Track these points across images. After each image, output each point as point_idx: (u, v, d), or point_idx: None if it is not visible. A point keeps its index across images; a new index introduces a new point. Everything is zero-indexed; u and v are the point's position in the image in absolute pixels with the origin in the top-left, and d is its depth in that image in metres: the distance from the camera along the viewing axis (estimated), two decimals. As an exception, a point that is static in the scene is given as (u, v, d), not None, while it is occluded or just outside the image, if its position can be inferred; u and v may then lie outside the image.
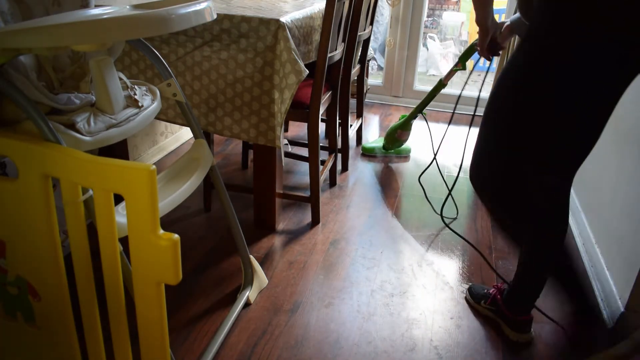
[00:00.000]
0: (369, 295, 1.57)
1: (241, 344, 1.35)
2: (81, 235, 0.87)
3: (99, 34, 0.79)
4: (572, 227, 2.00)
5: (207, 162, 1.27)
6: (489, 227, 1.99)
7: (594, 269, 1.70)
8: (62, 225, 0.96)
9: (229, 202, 1.42)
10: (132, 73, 1.73)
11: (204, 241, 1.80)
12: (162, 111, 1.74)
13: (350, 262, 1.73)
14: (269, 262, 1.70)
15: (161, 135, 2.44)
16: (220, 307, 1.48)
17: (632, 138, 1.57)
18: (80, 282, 0.91)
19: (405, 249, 1.82)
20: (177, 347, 1.33)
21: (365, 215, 2.03)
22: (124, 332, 0.92)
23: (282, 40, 1.51)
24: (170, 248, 0.76)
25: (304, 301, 1.53)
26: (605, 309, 1.53)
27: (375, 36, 4.04)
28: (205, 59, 1.60)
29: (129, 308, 0.88)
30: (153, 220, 0.76)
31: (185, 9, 0.91)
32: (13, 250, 0.94)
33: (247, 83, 1.58)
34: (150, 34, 0.85)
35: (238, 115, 1.63)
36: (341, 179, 2.35)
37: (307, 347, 1.36)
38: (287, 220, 1.96)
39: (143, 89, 1.23)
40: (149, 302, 0.82)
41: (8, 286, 0.99)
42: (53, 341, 1.01)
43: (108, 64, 1.04)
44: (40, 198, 0.86)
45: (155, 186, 0.75)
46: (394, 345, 1.38)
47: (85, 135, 0.98)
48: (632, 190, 1.51)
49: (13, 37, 0.80)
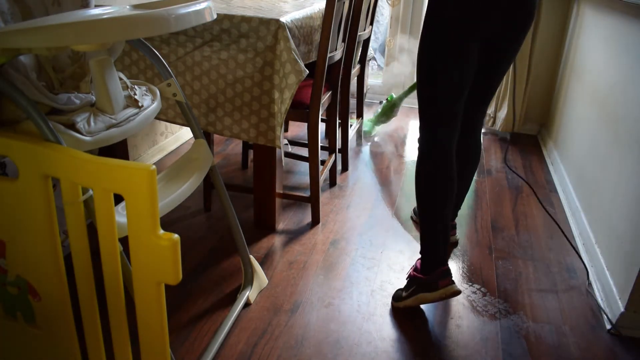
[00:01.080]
0: (369, 295, 1.57)
1: (241, 344, 1.35)
2: (81, 235, 0.87)
3: (99, 34, 0.79)
4: (572, 227, 2.00)
5: (207, 162, 1.27)
6: (489, 227, 1.99)
7: (594, 269, 1.70)
8: (62, 225, 0.96)
9: (229, 202, 1.42)
10: (132, 73, 1.73)
11: (204, 241, 1.80)
12: (162, 111, 1.74)
13: (350, 262, 1.73)
14: (269, 262, 1.70)
15: (161, 135, 2.44)
16: (220, 307, 1.48)
17: (632, 138, 1.57)
18: (80, 282, 0.91)
19: (405, 249, 1.82)
20: (177, 347, 1.33)
21: (365, 215, 2.03)
22: (124, 332, 0.92)
23: (282, 40, 1.51)
24: (170, 248, 0.76)
25: (304, 301, 1.53)
26: (605, 309, 1.53)
27: (376, 36, 4.04)
28: (205, 59, 1.60)
29: (129, 308, 0.88)
30: (153, 220, 0.76)
31: (185, 9, 0.92)
32: (13, 250, 0.94)
33: (247, 83, 1.58)
34: (150, 34, 0.85)
35: (238, 115, 1.63)
36: (341, 179, 2.35)
37: (307, 347, 1.36)
38: (287, 220, 1.96)
39: (143, 89, 1.23)
40: (149, 302, 0.82)
41: (8, 286, 0.99)
42: (53, 341, 1.01)
43: (108, 64, 1.04)
44: (40, 198, 0.86)
45: (155, 186, 0.75)
46: (394, 345, 1.38)
47: (85, 135, 0.98)
48: (632, 190, 1.51)
49: (13, 37, 0.80)
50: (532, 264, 1.76)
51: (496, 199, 2.22)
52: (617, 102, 1.76)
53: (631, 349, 1.40)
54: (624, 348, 1.41)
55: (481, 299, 1.57)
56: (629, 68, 1.71)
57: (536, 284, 1.66)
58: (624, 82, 1.73)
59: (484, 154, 2.70)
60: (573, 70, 2.51)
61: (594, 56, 2.18)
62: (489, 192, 2.28)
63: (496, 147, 2.84)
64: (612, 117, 1.79)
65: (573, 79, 2.48)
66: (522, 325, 1.47)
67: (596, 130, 1.95)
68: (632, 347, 1.41)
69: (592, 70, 2.16)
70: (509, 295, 1.60)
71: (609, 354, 1.38)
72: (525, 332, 1.44)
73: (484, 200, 2.21)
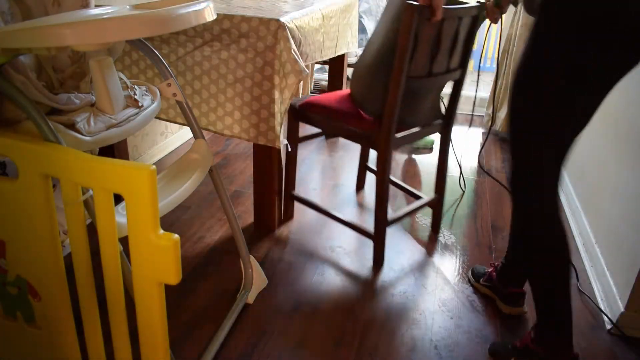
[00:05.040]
0: (369, 295, 1.57)
1: (241, 344, 1.35)
2: (81, 235, 0.87)
3: (99, 34, 0.79)
4: (572, 227, 2.00)
5: (207, 162, 1.27)
6: (489, 227, 1.99)
7: (594, 269, 1.70)
8: (62, 225, 0.96)
9: (229, 202, 1.42)
10: (132, 73, 1.73)
11: (204, 241, 1.80)
12: (162, 111, 1.75)
13: (350, 262, 1.73)
14: (269, 263, 1.70)
15: (161, 135, 2.44)
16: (220, 307, 1.48)
17: (632, 138, 1.57)
18: (80, 282, 0.91)
19: (405, 249, 1.82)
20: (177, 347, 1.33)
21: (365, 216, 2.03)
22: (124, 332, 0.92)
23: (282, 40, 1.51)
24: (170, 248, 0.76)
25: (304, 301, 1.53)
26: (605, 309, 1.53)
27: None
28: (205, 59, 1.60)
29: (129, 308, 0.88)
30: (153, 220, 0.76)
31: (185, 9, 0.91)
32: (13, 250, 0.94)
33: (247, 83, 1.58)
34: (150, 34, 0.85)
35: (238, 115, 1.63)
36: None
37: (307, 347, 1.36)
38: (287, 220, 1.96)
39: (143, 89, 1.23)
40: (149, 302, 0.82)
41: (8, 286, 0.99)
42: (53, 341, 1.01)
43: (108, 64, 1.04)
44: (40, 198, 0.86)
45: (155, 186, 0.75)
46: (394, 345, 1.38)
47: (85, 135, 0.98)
48: (632, 190, 1.51)
49: (13, 37, 0.80)
50: (532, 264, 1.76)
51: (496, 199, 2.22)
52: (617, 102, 1.76)
53: (631, 349, 1.40)
54: (624, 348, 1.41)
55: (481, 299, 1.57)
56: (629, 68, 1.71)
57: (536, 284, 1.66)
58: (624, 82, 1.73)
59: (484, 155, 2.71)
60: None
61: (594, 56, 2.17)
62: (489, 192, 2.28)
63: (496, 147, 2.84)
64: (612, 117, 1.79)
65: (573, 79, 2.48)
66: (522, 325, 1.47)
67: (596, 131, 1.95)
68: (632, 347, 1.41)
69: (592, 70, 2.16)
70: (509, 295, 1.60)
71: (609, 354, 1.38)
72: (525, 332, 1.44)
73: (484, 200, 2.21)
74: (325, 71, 3.21)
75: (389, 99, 1.47)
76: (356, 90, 1.65)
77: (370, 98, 1.57)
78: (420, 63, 1.49)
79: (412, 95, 1.54)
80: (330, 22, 1.94)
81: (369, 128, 1.57)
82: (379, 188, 1.62)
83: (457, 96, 1.72)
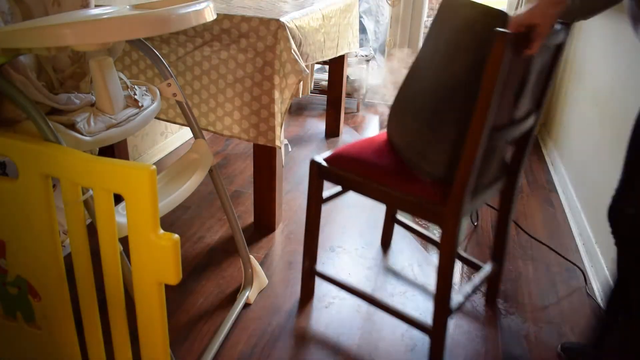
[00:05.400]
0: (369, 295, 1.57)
1: (241, 344, 1.35)
2: (81, 235, 0.87)
3: (99, 34, 0.79)
4: (572, 227, 2.00)
5: (207, 162, 1.27)
6: (489, 228, 1.99)
7: (593, 269, 1.70)
8: (62, 225, 0.96)
9: (229, 202, 1.42)
10: (132, 73, 1.73)
11: (204, 241, 1.80)
12: (162, 111, 1.75)
13: (350, 262, 1.73)
14: (268, 262, 1.70)
15: (161, 135, 2.44)
16: (220, 307, 1.48)
17: (632, 138, 1.57)
18: (80, 282, 0.91)
19: (405, 249, 1.82)
20: (177, 347, 1.33)
21: (365, 216, 2.03)
22: (124, 332, 0.92)
23: (282, 40, 1.51)
24: (170, 248, 0.76)
25: (304, 301, 1.53)
26: (605, 308, 1.53)
27: (376, 36, 4.04)
28: (205, 59, 1.60)
29: (129, 308, 0.88)
30: (153, 220, 0.76)
31: (185, 9, 0.92)
32: (13, 250, 0.94)
33: (247, 83, 1.58)
34: (150, 34, 0.85)
35: (238, 115, 1.63)
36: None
37: (307, 347, 1.36)
38: (287, 221, 1.96)
39: (143, 89, 1.23)
40: (149, 302, 0.82)
41: (8, 286, 0.99)
42: (53, 341, 1.01)
43: (108, 64, 1.04)
44: (40, 198, 0.86)
45: (155, 186, 0.75)
46: (394, 345, 1.38)
47: (85, 135, 0.98)
48: (632, 190, 1.51)
49: (13, 37, 0.80)
50: (532, 264, 1.76)
51: (496, 199, 2.22)
52: (618, 103, 1.76)
53: (631, 349, 1.40)
54: (624, 348, 1.41)
55: (481, 299, 1.57)
56: (629, 68, 1.71)
57: (536, 284, 1.66)
58: (625, 83, 1.73)
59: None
60: (573, 71, 2.51)
61: (594, 56, 2.18)
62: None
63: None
64: (613, 117, 1.78)
65: (573, 79, 2.48)
66: (522, 325, 1.47)
67: (596, 131, 1.95)
68: (632, 347, 1.41)
69: (593, 70, 2.16)
70: (509, 295, 1.60)
71: (609, 354, 1.38)
72: (525, 332, 1.44)
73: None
74: (325, 71, 3.21)
75: (464, 159, 1.08)
76: (406, 144, 1.26)
77: (432, 158, 1.18)
78: (503, 109, 1.13)
79: (487, 151, 1.14)
80: (330, 22, 1.94)
81: (429, 195, 1.18)
82: (443, 272, 1.21)
83: (527, 145, 1.34)
